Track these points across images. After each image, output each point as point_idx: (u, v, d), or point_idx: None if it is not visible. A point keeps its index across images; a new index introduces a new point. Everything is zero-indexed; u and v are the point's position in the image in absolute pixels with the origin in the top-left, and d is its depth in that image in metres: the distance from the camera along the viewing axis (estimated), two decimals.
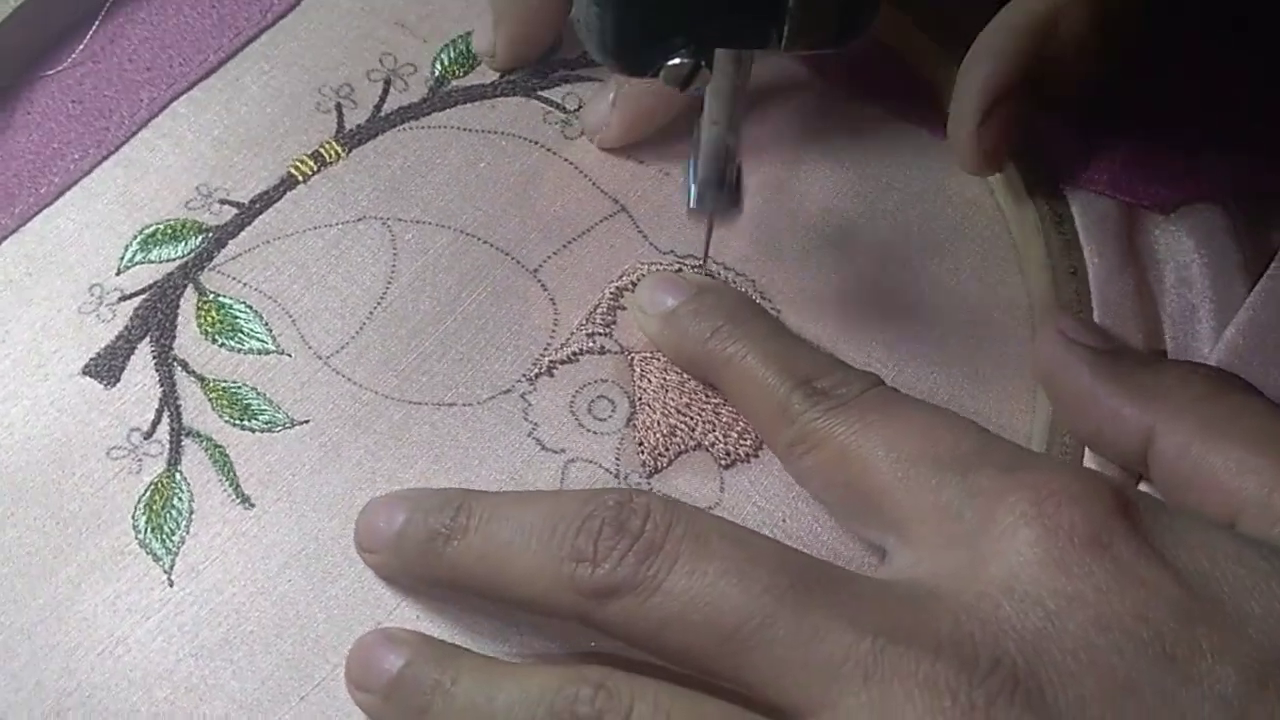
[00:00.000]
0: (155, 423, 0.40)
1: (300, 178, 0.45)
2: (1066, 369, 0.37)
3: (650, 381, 0.41)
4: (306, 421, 0.40)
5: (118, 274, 0.42)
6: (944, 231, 0.44)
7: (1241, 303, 0.41)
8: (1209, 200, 0.43)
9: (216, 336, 0.41)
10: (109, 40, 0.47)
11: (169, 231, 0.43)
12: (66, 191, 0.44)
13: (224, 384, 0.40)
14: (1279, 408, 0.35)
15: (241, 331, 0.41)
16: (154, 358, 0.41)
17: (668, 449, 0.40)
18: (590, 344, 0.42)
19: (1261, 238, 0.44)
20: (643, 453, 0.40)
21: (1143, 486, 0.36)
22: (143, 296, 0.42)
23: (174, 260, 0.43)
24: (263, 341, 0.41)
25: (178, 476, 0.39)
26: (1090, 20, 0.41)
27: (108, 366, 0.41)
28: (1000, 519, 0.31)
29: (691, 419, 0.40)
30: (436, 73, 0.47)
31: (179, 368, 0.41)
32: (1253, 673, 0.28)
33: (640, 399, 0.41)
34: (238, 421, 0.40)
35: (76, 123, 0.45)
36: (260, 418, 0.40)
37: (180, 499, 0.38)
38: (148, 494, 0.39)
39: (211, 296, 0.42)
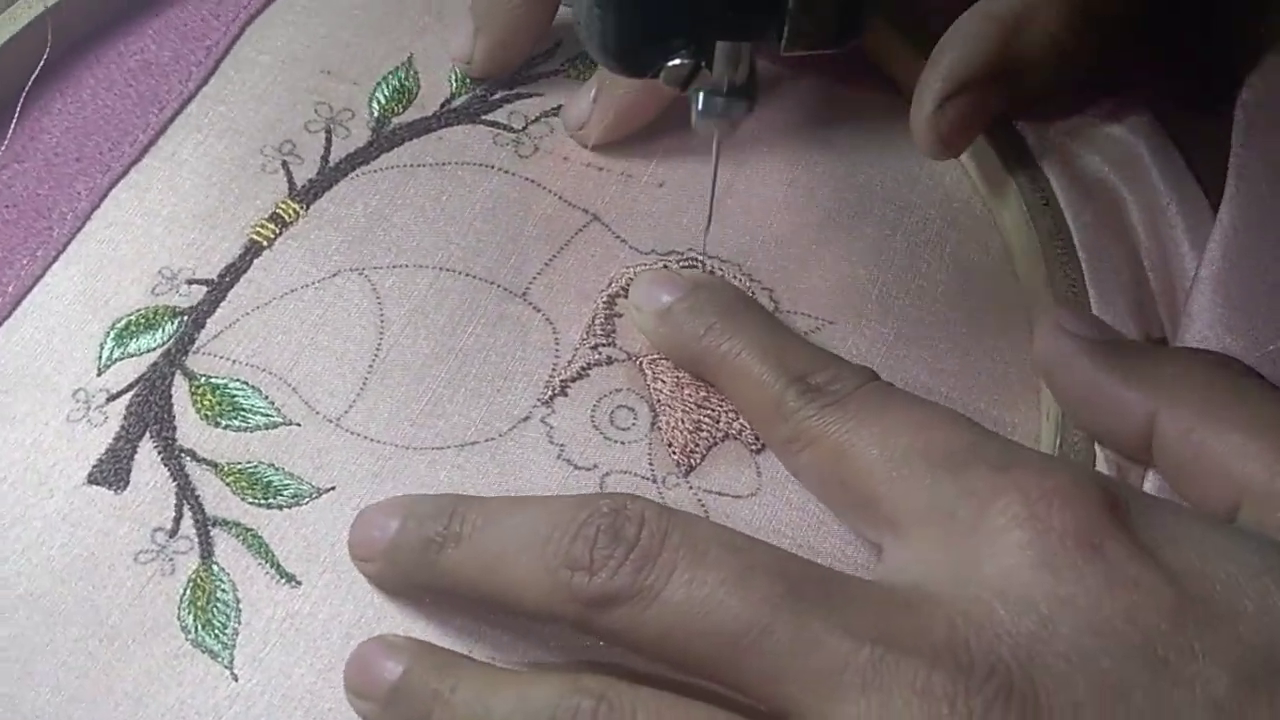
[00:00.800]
0: (177, 519, 0.38)
1: (264, 243, 0.43)
2: (1067, 360, 0.37)
3: (663, 382, 0.41)
4: (332, 488, 0.39)
5: (99, 374, 0.41)
6: (907, 185, 0.46)
7: (1197, 195, 0.43)
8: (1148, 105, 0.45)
9: (219, 419, 0.40)
10: (29, 138, 0.46)
11: (142, 322, 0.42)
12: (23, 300, 0.42)
13: (239, 466, 0.39)
14: (1278, 390, 0.35)
15: (243, 409, 0.40)
16: (159, 453, 0.39)
17: (697, 445, 0.40)
18: (596, 356, 0.42)
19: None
20: (674, 453, 0.40)
21: (1150, 476, 0.37)
22: (131, 393, 0.40)
23: (154, 350, 0.41)
24: (268, 415, 0.40)
25: (215, 568, 0.38)
26: (1064, 19, 0.42)
27: (113, 471, 0.39)
28: (992, 520, 0.31)
29: (713, 411, 0.40)
30: (375, 113, 0.47)
31: (188, 458, 0.39)
32: (1244, 674, 0.29)
33: (658, 401, 0.41)
34: (262, 501, 0.39)
35: (16, 227, 0.44)
36: (285, 493, 0.39)
37: (224, 590, 0.37)
38: (188, 592, 0.37)
39: (203, 379, 0.41)
